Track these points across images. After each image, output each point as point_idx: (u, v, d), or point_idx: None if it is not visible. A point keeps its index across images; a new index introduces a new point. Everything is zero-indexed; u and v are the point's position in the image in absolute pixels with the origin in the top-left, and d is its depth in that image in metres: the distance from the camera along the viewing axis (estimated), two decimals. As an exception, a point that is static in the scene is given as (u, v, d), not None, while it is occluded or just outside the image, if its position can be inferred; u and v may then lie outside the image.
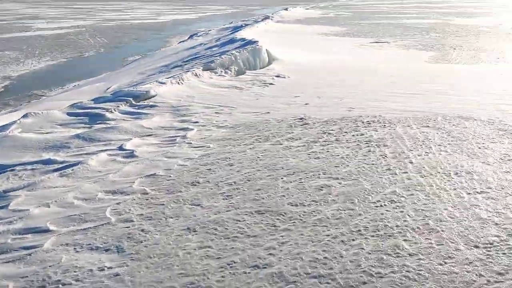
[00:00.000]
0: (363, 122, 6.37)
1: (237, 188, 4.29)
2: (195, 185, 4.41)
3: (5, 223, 3.57)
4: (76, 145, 5.46)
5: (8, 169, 4.66)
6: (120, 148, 5.29)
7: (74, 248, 3.24)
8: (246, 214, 3.77)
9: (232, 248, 3.27)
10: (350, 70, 11.41)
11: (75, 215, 3.74)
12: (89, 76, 14.19)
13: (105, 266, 3.02)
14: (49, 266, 3.02)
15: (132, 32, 27.48)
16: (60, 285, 2.81)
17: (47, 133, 5.90)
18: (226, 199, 4.08)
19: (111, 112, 6.76)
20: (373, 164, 4.77)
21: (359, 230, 3.42)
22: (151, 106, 7.27)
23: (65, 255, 3.14)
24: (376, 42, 18.00)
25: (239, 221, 3.66)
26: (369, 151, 5.16)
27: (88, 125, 6.26)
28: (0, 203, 3.92)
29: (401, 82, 9.64)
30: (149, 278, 2.92)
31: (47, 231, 3.48)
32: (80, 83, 13.05)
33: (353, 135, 5.81)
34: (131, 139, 5.66)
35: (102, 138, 5.70)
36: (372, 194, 4.04)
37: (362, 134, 5.83)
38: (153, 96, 7.80)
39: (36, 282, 2.86)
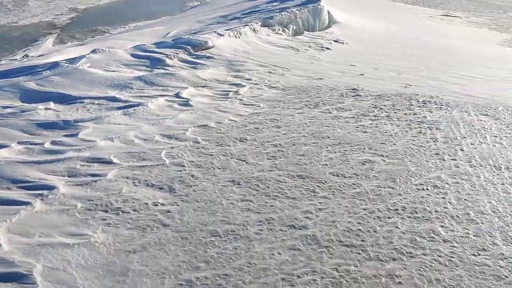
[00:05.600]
0: (418, 101, 6.19)
1: (281, 150, 4.46)
2: (243, 141, 4.62)
3: (74, 150, 4.01)
4: (137, 86, 5.81)
5: (77, 101, 5.11)
6: (177, 95, 5.58)
7: (133, 182, 3.62)
8: (288, 176, 3.96)
9: (272, 205, 3.50)
10: (413, 44, 10.83)
11: (135, 152, 4.12)
12: (149, 17, 14.51)
13: (158, 202, 3.37)
14: (111, 194, 3.42)
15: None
16: (120, 212, 3.20)
17: (112, 71, 6.29)
18: (270, 159, 4.27)
19: (171, 58, 7.02)
20: (421, 146, 4.72)
21: (396, 209, 3.51)
22: (208, 57, 7.44)
23: (125, 187, 3.53)
24: (446, 15, 16.73)
25: (280, 181, 3.86)
26: (419, 132, 5.09)
27: (149, 69, 6.59)
28: (71, 131, 4.37)
29: (466, 63, 9.08)
30: (195, 220, 3.24)
31: (110, 162, 3.88)
32: (140, 24, 13.42)
33: (405, 113, 5.69)
34: (187, 88, 5.92)
35: (161, 83, 6.00)
36: (415, 176, 4.06)
37: (415, 114, 5.70)
38: (211, 47, 7.94)
39: (99, 206, 3.27)
